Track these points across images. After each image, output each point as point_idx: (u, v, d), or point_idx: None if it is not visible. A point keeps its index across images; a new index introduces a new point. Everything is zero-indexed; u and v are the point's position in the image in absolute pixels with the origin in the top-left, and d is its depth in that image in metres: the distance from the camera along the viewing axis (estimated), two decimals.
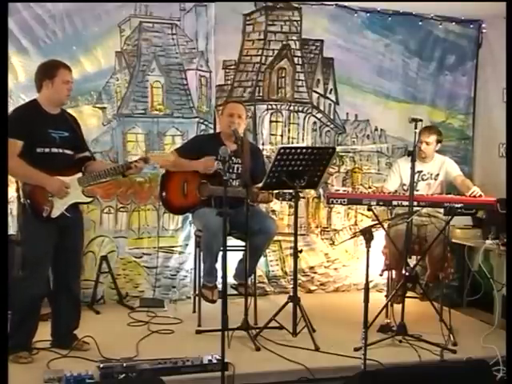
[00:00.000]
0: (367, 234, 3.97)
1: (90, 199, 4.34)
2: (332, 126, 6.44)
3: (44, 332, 4.38)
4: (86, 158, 4.37)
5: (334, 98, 6.44)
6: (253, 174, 4.94)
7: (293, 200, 4.73)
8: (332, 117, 6.45)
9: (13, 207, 4.29)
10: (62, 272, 4.30)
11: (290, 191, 4.74)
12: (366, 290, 3.93)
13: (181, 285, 5.92)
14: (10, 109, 4.23)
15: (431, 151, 5.49)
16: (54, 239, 4.15)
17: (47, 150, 4.10)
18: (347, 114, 6.47)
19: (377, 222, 4.71)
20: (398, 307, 4.76)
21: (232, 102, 5.44)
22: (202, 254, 5.02)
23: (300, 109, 6.32)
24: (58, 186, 4.07)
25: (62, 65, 4.22)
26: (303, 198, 5.63)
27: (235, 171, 5.14)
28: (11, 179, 4.11)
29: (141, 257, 5.83)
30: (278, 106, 6.26)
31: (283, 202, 5.40)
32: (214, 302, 4.93)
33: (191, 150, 5.12)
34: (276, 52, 6.21)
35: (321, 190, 6.32)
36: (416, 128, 4.77)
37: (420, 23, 6.49)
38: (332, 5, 6.21)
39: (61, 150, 4.16)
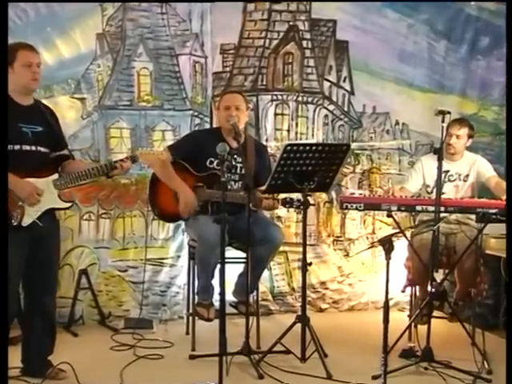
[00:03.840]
0: (387, 244, 3.96)
1: (67, 205, 4.31)
2: (346, 119, 6.45)
3: (14, 357, 4.36)
4: (63, 157, 4.36)
5: (348, 88, 6.44)
6: (257, 176, 4.94)
7: (301, 208, 4.72)
8: (346, 109, 6.45)
9: None
10: (35, 289, 4.28)
11: (299, 197, 4.74)
12: (386, 308, 3.91)
13: (172, 302, 5.92)
14: None
15: (461, 146, 5.47)
16: (25, 251, 4.13)
17: (18, 147, 4.07)
18: (364, 105, 6.49)
19: (398, 230, 4.70)
20: (422, 329, 4.74)
21: (228, 93, 5.45)
22: (196, 268, 5.02)
23: (309, 100, 6.33)
24: (28, 191, 4.04)
25: (20, 46, 4.19)
26: (313, 205, 5.63)
27: (237, 172, 5.14)
28: None
29: (126, 270, 5.83)
30: (284, 97, 6.27)
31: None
32: (210, 320, 4.92)
33: (187, 147, 5.10)
34: (282, 34, 6.22)
35: (333, 194, 6.33)
36: (443, 122, 4.75)
37: None
38: None
39: (34, 148, 4.14)
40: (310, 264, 4.86)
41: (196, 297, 5.03)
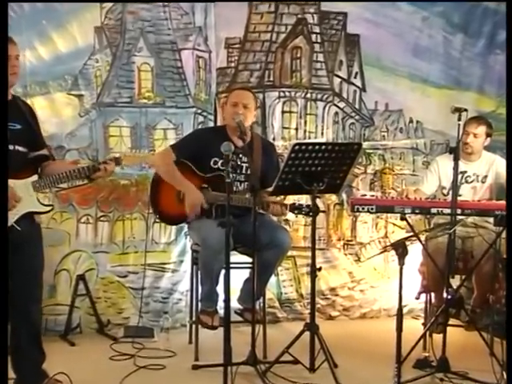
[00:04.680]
0: (400, 249, 3.95)
1: (47, 208, 4.23)
2: (357, 117, 6.44)
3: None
4: (42, 157, 4.32)
5: (359, 84, 6.44)
6: (264, 176, 4.93)
7: (311, 214, 4.70)
8: (357, 106, 6.45)
9: None
10: (18, 297, 4.24)
11: (308, 202, 4.73)
12: (399, 316, 3.90)
13: (174, 310, 5.92)
14: None
15: (479, 146, 5.47)
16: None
17: None
18: (376, 102, 6.49)
19: (412, 233, 4.70)
20: (438, 338, 4.74)
21: (237, 89, 5.43)
22: (199, 273, 5.02)
23: (319, 97, 6.32)
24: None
25: None
26: (323, 211, 5.61)
27: (243, 172, 5.15)
28: None
29: (125, 276, 5.83)
30: (292, 94, 6.26)
31: None
32: (214, 328, 4.93)
33: (190, 147, 5.10)
34: (290, 28, 6.21)
35: (344, 195, 6.32)
36: (460, 119, 4.74)
37: None
38: None
39: (11, 147, 4.10)
40: (320, 269, 4.83)
41: (199, 304, 5.04)
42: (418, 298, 5.58)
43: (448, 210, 4.73)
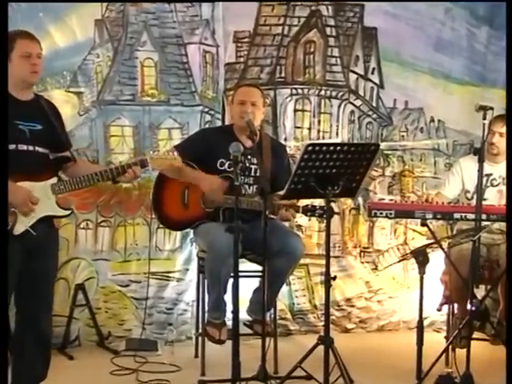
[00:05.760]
0: (421, 257, 3.94)
1: (66, 212, 4.26)
2: (375, 115, 6.43)
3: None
4: (64, 159, 4.34)
5: (377, 80, 6.43)
6: (274, 178, 4.92)
7: (324, 216, 4.69)
8: (375, 104, 6.44)
9: None
10: (29, 306, 4.26)
11: (321, 204, 4.72)
12: (420, 329, 3.88)
13: (179, 321, 5.93)
14: None
15: (505, 146, 5.45)
16: (17, 262, 4.12)
17: (13, 146, 4.07)
18: (395, 100, 6.48)
19: (433, 240, 4.68)
20: (461, 352, 4.71)
21: (244, 86, 5.43)
22: (206, 281, 5.01)
23: (333, 94, 6.32)
24: (21, 198, 4.02)
25: (18, 34, 4.19)
26: (338, 213, 5.59)
27: (252, 174, 5.14)
28: None
29: (127, 285, 5.84)
30: (305, 91, 6.26)
31: None
32: (221, 342, 4.92)
33: (196, 147, 5.10)
34: (303, 20, 6.21)
35: (360, 200, 6.31)
36: (485, 118, 4.73)
37: None
38: None
39: (31, 148, 4.13)
40: (334, 278, 4.81)
41: (206, 315, 5.03)
42: (439, 310, 5.56)
43: (472, 216, 4.72)
